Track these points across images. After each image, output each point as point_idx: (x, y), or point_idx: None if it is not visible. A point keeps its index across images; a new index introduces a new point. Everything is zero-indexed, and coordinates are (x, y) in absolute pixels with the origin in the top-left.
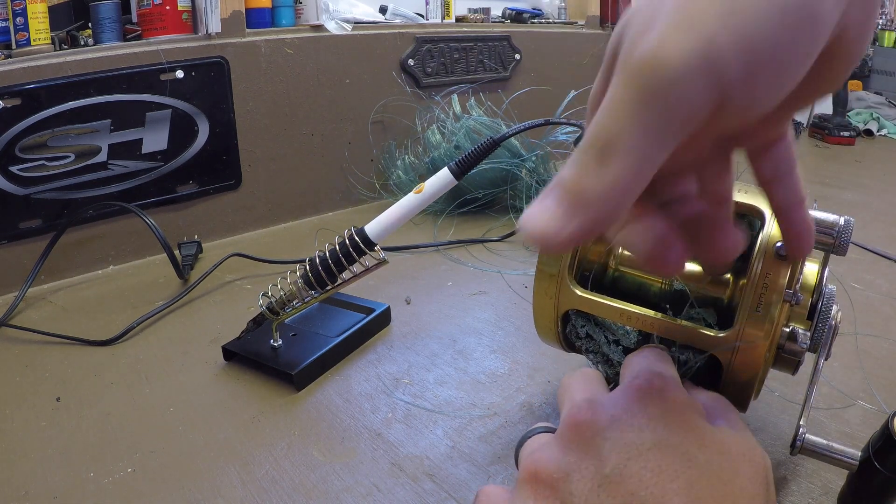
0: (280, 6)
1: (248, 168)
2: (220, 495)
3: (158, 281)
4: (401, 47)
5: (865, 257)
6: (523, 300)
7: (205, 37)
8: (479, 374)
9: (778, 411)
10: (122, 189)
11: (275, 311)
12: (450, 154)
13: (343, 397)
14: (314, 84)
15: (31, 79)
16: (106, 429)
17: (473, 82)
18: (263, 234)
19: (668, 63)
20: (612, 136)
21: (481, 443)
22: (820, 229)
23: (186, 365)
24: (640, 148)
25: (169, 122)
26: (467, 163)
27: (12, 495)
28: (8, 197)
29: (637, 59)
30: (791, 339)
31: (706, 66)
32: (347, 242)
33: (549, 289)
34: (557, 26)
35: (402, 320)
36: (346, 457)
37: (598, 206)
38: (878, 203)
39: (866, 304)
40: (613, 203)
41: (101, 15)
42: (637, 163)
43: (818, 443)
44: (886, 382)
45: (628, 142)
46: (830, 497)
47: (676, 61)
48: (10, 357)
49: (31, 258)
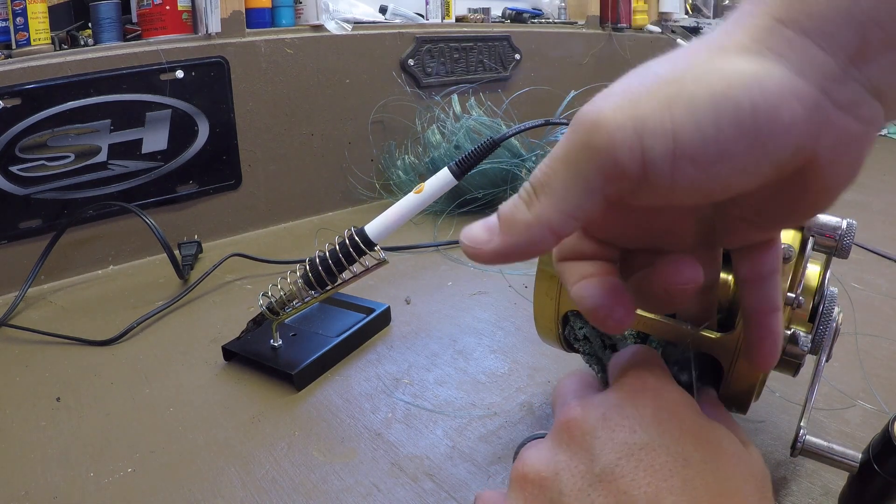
0: (280, 6)
1: (248, 168)
2: (220, 495)
3: (158, 281)
4: (401, 47)
5: (866, 257)
6: (523, 300)
7: (205, 37)
8: (479, 374)
9: (778, 411)
10: (122, 189)
11: (275, 311)
12: (450, 154)
13: (343, 397)
14: (314, 84)
15: (31, 79)
16: (106, 429)
17: (473, 82)
18: (263, 234)
19: (603, 126)
20: (545, 177)
21: (481, 443)
22: (822, 232)
23: (186, 365)
24: (564, 190)
25: (169, 122)
26: (467, 163)
27: (12, 495)
28: (8, 197)
29: (582, 117)
30: (792, 341)
31: (633, 138)
32: (347, 242)
33: (551, 289)
34: (557, 26)
35: (402, 320)
36: (346, 457)
37: (520, 232)
38: (878, 203)
39: (866, 304)
40: (534, 232)
41: (101, 15)
42: (559, 203)
43: (819, 444)
44: (886, 382)
45: (555, 184)
46: (830, 497)
47: (611, 126)
48: (10, 357)
49: (31, 258)
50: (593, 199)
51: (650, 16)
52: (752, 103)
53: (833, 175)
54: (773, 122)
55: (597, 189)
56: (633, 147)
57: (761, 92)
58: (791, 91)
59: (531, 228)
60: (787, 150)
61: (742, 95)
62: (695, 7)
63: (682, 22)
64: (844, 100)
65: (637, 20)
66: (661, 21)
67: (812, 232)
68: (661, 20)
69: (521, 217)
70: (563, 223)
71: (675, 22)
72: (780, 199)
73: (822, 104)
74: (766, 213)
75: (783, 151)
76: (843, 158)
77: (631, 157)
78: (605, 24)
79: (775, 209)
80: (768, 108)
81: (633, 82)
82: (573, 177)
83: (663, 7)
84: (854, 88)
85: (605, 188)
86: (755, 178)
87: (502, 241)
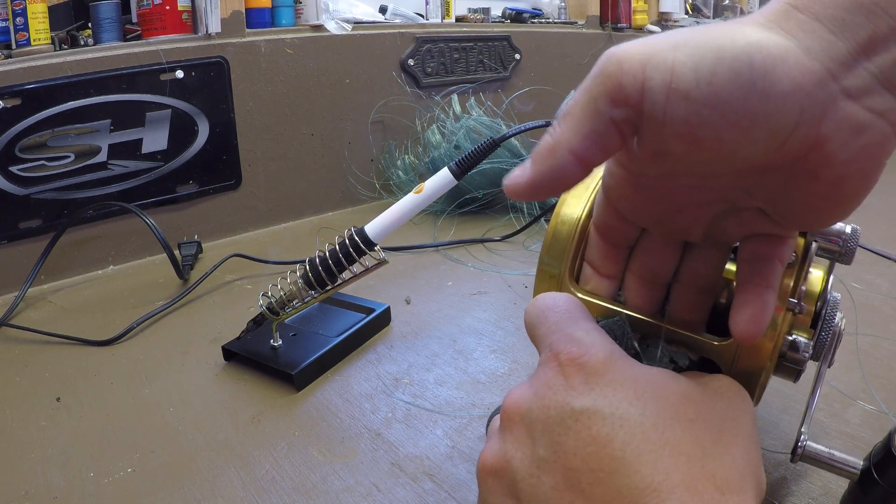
0: (280, 6)
1: (248, 168)
2: (219, 495)
3: (158, 281)
4: (401, 47)
5: (866, 257)
6: (523, 300)
7: (205, 37)
8: (479, 374)
9: (778, 411)
10: (122, 189)
11: (275, 311)
12: (450, 154)
13: (343, 397)
14: (314, 84)
15: (31, 79)
16: (106, 429)
17: (473, 82)
18: (263, 234)
19: (616, 57)
20: (568, 108)
21: (481, 443)
22: (826, 237)
23: (186, 365)
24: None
25: (169, 122)
26: (467, 163)
27: (12, 495)
28: (8, 197)
29: (604, 55)
30: (793, 348)
31: (638, 68)
32: (347, 242)
33: (550, 289)
34: (557, 26)
35: (402, 320)
36: (346, 457)
37: (546, 158)
38: (878, 203)
39: (867, 304)
40: (558, 156)
41: (101, 15)
42: (576, 125)
43: (819, 450)
44: (886, 382)
45: (575, 109)
46: (830, 498)
47: (622, 58)
48: (10, 357)
49: (31, 258)
50: (603, 122)
51: (650, 16)
52: (751, 59)
53: (843, 166)
54: (769, 83)
55: (604, 111)
56: (637, 76)
57: (761, 51)
58: (794, 62)
59: (555, 153)
60: (785, 119)
61: (742, 50)
62: (695, 7)
63: (682, 22)
64: (853, 86)
65: (637, 20)
66: (661, 21)
67: (815, 237)
68: (661, 20)
69: (546, 145)
70: (581, 145)
71: (676, 22)
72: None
73: (828, 85)
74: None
75: (781, 119)
76: (852, 148)
77: (633, 85)
78: (605, 24)
79: (789, 203)
80: (766, 68)
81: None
82: (587, 100)
83: (663, 7)
84: (863, 77)
85: (612, 111)
86: (750, 141)
87: (533, 171)
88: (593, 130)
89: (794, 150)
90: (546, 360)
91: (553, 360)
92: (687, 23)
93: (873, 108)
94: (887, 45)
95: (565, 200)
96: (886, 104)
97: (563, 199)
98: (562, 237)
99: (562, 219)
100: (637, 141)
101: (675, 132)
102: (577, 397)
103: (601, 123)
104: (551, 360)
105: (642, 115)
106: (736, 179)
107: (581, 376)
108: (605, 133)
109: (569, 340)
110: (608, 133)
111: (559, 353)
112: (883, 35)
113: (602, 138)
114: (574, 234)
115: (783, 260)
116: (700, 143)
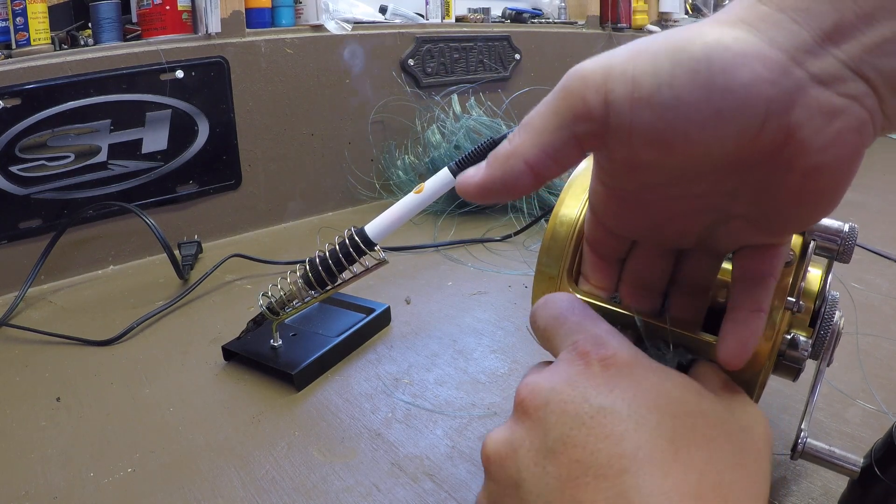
0: (280, 6)
1: (248, 168)
2: (219, 495)
3: (158, 281)
4: (401, 47)
5: (866, 257)
6: (523, 300)
7: (205, 37)
8: (479, 374)
9: (778, 410)
10: (122, 189)
11: (275, 311)
12: (450, 154)
13: (343, 397)
14: (314, 84)
15: (31, 79)
16: (106, 429)
17: (473, 82)
18: (263, 234)
19: (579, 73)
20: (528, 118)
21: (481, 443)
22: (824, 235)
23: (186, 365)
24: (542, 126)
25: (169, 122)
26: (467, 163)
27: (12, 495)
28: (8, 197)
29: (569, 72)
30: (792, 346)
31: (600, 82)
32: (347, 242)
33: (549, 290)
34: (557, 26)
35: (402, 320)
36: (346, 457)
37: (500, 164)
38: (878, 203)
39: (866, 304)
40: (511, 163)
41: (101, 15)
42: (535, 137)
43: (819, 448)
44: (886, 382)
45: (535, 121)
46: (830, 498)
47: (585, 73)
48: (10, 357)
49: (31, 258)
50: (563, 137)
51: (650, 16)
52: (708, 56)
53: (819, 153)
54: (729, 78)
55: (567, 126)
56: (599, 89)
57: (718, 47)
58: (755, 53)
59: (509, 160)
60: (752, 111)
61: (700, 50)
62: (695, 7)
63: (682, 22)
64: (822, 73)
65: (637, 20)
66: (661, 21)
67: (813, 235)
68: (661, 20)
69: (503, 150)
70: (537, 157)
71: (675, 22)
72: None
73: (793, 72)
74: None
75: (747, 112)
76: (827, 134)
77: (597, 98)
78: (605, 24)
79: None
80: (725, 63)
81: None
82: (549, 114)
83: (663, 7)
84: (832, 63)
85: (575, 126)
86: (720, 138)
87: (485, 174)
88: (551, 144)
89: (768, 141)
90: (571, 358)
91: (580, 359)
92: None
93: (846, 94)
94: (853, 33)
95: (563, 201)
96: (860, 89)
97: (562, 199)
98: (560, 238)
99: (560, 220)
100: (608, 155)
101: (645, 140)
102: (597, 395)
103: (560, 139)
104: (578, 358)
105: (609, 127)
106: (717, 184)
107: (606, 376)
108: (563, 148)
109: (596, 340)
110: (565, 148)
111: (587, 351)
112: (849, 22)
113: (559, 153)
114: (572, 236)
115: (776, 275)
116: (670, 148)
